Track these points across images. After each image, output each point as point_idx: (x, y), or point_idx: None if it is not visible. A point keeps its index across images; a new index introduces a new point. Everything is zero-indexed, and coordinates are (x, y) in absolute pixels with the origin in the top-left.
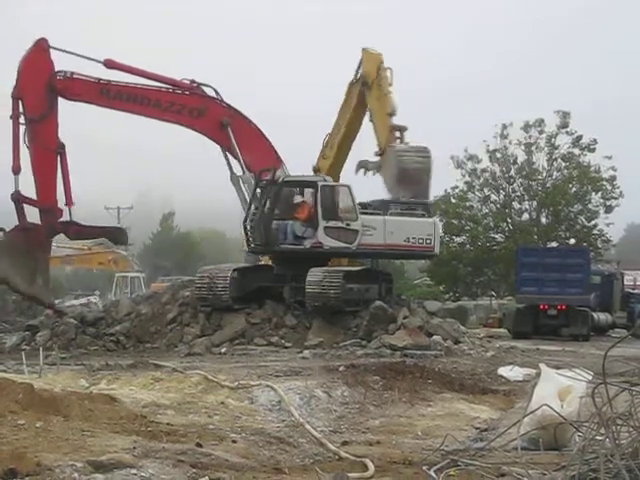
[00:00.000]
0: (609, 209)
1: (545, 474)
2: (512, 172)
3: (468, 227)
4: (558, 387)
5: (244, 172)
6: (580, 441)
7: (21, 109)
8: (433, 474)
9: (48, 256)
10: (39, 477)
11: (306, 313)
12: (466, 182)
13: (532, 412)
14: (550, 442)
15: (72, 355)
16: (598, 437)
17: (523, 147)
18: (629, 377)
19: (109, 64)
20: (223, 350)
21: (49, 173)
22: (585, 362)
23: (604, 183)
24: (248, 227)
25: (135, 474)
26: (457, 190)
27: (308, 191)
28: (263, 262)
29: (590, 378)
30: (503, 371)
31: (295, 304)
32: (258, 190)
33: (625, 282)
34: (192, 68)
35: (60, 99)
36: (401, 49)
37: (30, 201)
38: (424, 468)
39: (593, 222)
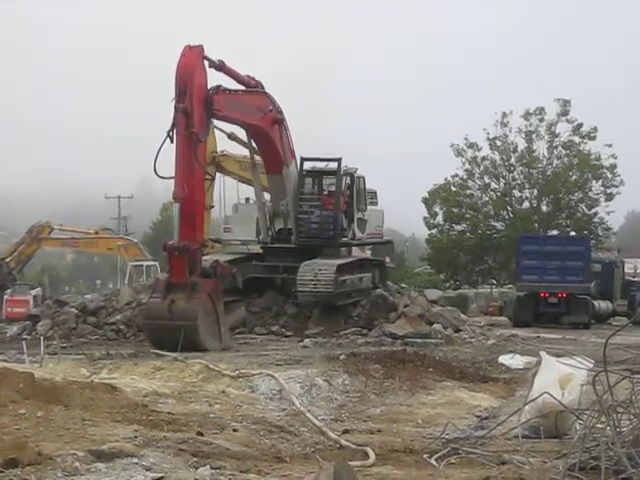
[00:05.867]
0: (609, 197)
1: (546, 462)
2: (512, 160)
3: (468, 215)
4: (559, 375)
5: (289, 164)
6: (581, 429)
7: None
8: (434, 462)
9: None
10: (40, 466)
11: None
12: (466, 170)
13: (533, 400)
14: (551, 430)
15: (73, 344)
16: (599, 425)
17: (523, 135)
18: (630, 365)
19: (220, 67)
20: None
21: (203, 203)
22: (586, 350)
23: (604, 171)
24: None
25: (136, 463)
26: (457, 178)
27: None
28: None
29: (591, 366)
30: (504, 359)
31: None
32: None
33: (625, 270)
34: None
35: None
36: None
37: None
38: (425, 456)
39: (593, 210)
